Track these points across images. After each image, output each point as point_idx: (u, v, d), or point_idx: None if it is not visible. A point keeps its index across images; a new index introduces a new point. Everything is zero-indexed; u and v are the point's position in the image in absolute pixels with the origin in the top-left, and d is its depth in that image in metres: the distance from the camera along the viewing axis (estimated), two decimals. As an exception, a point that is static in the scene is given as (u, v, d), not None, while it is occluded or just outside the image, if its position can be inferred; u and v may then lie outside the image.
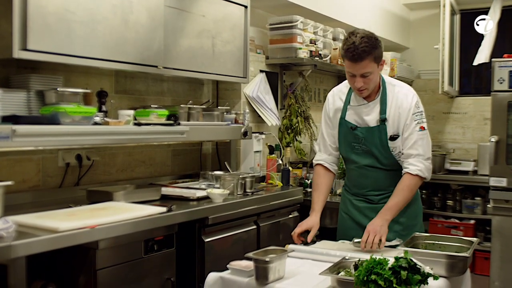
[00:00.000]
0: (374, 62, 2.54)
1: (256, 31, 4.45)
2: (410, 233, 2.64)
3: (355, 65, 2.52)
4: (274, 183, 3.97)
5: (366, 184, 2.78)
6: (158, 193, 3.12)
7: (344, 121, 2.75)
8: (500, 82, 4.44)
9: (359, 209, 2.80)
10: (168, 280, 2.76)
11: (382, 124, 2.66)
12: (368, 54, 2.49)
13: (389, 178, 2.72)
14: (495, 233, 4.46)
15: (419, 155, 2.63)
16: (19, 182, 2.84)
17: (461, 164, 5.86)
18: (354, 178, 2.84)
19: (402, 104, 2.66)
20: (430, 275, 1.93)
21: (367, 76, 2.55)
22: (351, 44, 2.49)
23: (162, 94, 3.77)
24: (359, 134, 2.70)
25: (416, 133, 2.64)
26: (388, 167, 2.72)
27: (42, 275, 2.39)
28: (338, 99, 2.81)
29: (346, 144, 2.77)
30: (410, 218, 2.77)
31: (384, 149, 2.68)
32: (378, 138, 2.67)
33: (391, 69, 5.82)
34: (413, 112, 2.65)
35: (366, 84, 2.57)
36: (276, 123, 4.32)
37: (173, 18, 3.21)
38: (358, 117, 2.72)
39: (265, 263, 2.08)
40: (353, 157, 2.77)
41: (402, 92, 2.70)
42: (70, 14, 2.59)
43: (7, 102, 2.46)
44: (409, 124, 2.64)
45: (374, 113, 2.68)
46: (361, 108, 2.71)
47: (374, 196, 2.77)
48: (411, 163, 2.63)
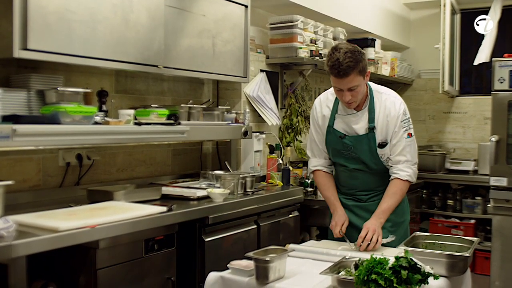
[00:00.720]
0: (359, 75, 2.55)
1: (256, 31, 4.45)
2: (398, 229, 2.79)
3: (341, 81, 2.54)
4: (274, 183, 3.97)
5: (355, 185, 2.85)
6: (159, 193, 3.12)
7: (332, 129, 2.78)
8: (501, 82, 4.43)
9: (348, 207, 2.85)
10: (168, 280, 2.77)
11: (371, 132, 2.70)
12: (353, 69, 2.51)
13: (377, 179, 2.81)
14: (495, 232, 4.46)
15: (407, 161, 2.72)
16: (20, 181, 2.84)
17: (462, 164, 5.86)
18: (343, 179, 2.90)
19: (390, 112, 2.70)
20: (431, 274, 1.93)
21: (354, 90, 2.57)
22: (335, 61, 2.50)
23: (163, 93, 3.77)
24: (348, 143, 2.74)
25: (404, 140, 2.71)
26: (377, 171, 2.79)
27: (42, 274, 2.39)
28: (325, 106, 2.83)
29: (335, 151, 2.82)
30: (398, 215, 2.84)
31: (373, 155, 2.73)
32: (367, 145, 2.72)
33: (392, 69, 5.82)
34: (401, 120, 2.71)
35: (354, 97, 2.60)
36: (276, 123, 4.32)
37: (174, 18, 3.21)
38: (346, 126, 2.75)
39: (265, 262, 2.08)
40: (342, 162, 2.83)
41: (390, 100, 2.73)
42: (71, 14, 2.59)
43: (7, 102, 2.46)
44: (397, 131, 2.70)
45: (363, 122, 2.72)
46: (350, 118, 2.74)
47: (362, 195, 2.85)
48: (401, 169, 2.72)
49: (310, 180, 4.26)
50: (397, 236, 2.73)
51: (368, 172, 2.79)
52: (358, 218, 2.80)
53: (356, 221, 2.79)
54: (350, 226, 2.76)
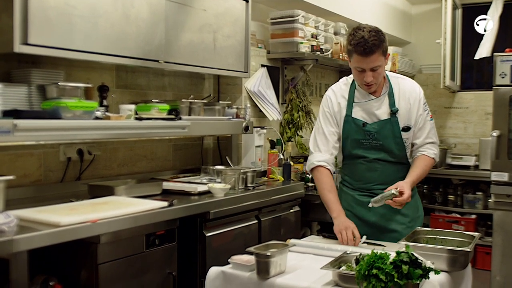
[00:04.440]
0: (382, 55, 2.55)
1: (257, 26, 4.44)
2: (415, 225, 2.74)
3: (365, 59, 2.52)
4: (275, 178, 3.97)
5: (374, 178, 2.75)
6: (159, 188, 3.12)
7: (351, 118, 2.71)
8: (502, 77, 4.42)
9: (363, 204, 2.76)
10: (169, 275, 2.77)
11: (393, 116, 2.68)
12: (378, 47, 2.50)
13: (395, 170, 2.74)
14: (496, 227, 4.45)
15: (434, 143, 2.77)
16: (21, 176, 2.85)
17: (463, 159, 5.86)
18: (360, 173, 2.78)
19: (411, 95, 2.71)
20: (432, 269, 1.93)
21: (376, 70, 2.56)
22: (360, 39, 2.48)
23: (163, 88, 3.77)
24: (371, 130, 2.69)
25: (428, 123, 2.76)
26: (398, 159, 2.74)
27: (44, 269, 2.40)
28: (340, 96, 2.77)
29: (353, 141, 2.74)
30: (414, 210, 2.81)
31: (396, 141, 2.69)
32: (391, 130, 2.68)
33: (393, 64, 5.81)
34: (424, 102, 2.76)
35: (375, 78, 2.58)
36: (277, 118, 4.32)
37: (174, 12, 3.20)
38: (366, 113, 2.70)
39: (266, 257, 2.08)
40: (361, 152, 2.74)
41: (408, 84, 2.75)
42: (71, 8, 2.58)
43: (8, 97, 2.46)
44: (422, 114, 2.73)
45: (384, 107, 2.69)
46: (371, 103, 2.70)
47: (379, 190, 2.71)
48: (429, 148, 2.75)
49: (311, 176, 4.25)
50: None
51: (388, 162, 2.72)
52: (373, 215, 2.74)
53: (370, 218, 2.74)
54: (365, 225, 2.72)
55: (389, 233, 2.72)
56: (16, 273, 2.07)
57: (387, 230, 2.74)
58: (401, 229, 2.72)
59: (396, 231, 2.72)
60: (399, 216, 2.75)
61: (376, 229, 2.73)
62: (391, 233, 2.72)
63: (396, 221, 2.74)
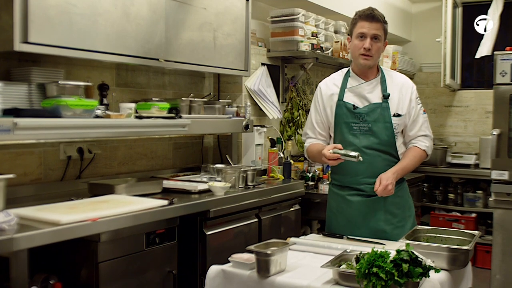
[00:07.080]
0: (384, 32, 2.74)
1: (257, 24, 4.44)
2: (405, 224, 2.76)
3: (369, 24, 2.69)
4: (275, 176, 3.97)
5: (361, 170, 2.72)
6: (160, 186, 3.12)
7: (342, 102, 2.77)
8: (502, 75, 4.42)
9: (352, 205, 2.76)
10: (169, 273, 2.77)
11: (385, 101, 2.73)
12: (382, 21, 2.73)
13: (384, 164, 2.72)
14: (496, 226, 4.45)
15: (426, 136, 2.82)
16: (21, 175, 2.85)
17: (463, 158, 5.86)
18: (347, 166, 2.73)
19: (403, 86, 2.80)
20: (432, 268, 1.93)
21: (376, 40, 2.70)
22: (368, 8, 2.75)
23: (164, 87, 3.76)
24: (361, 111, 2.72)
25: (421, 116, 2.81)
26: (386, 147, 2.72)
27: (44, 267, 2.40)
28: (332, 85, 2.85)
29: (344, 126, 2.75)
30: (405, 210, 2.82)
31: (386, 126, 2.71)
32: (381, 114, 2.71)
33: (393, 62, 5.80)
34: (416, 96, 2.81)
35: (372, 49, 2.69)
36: (277, 116, 4.32)
37: (174, 11, 3.20)
38: (357, 98, 2.76)
39: (266, 256, 2.08)
40: (350, 139, 2.73)
41: (400, 77, 2.87)
42: (71, 7, 2.58)
43: (8, 95, 2.46)
44: (415, 106, 2.79)
45: (376, 91, 2.77)
46: (362, 86, 2.76)
47: (367, 184, 2.72)
48: (420, 140, 2.80)
49: (311, 174, 4.26)
50: (405, 230, 2.67)
51: (376, 150, 2.70)
52: (364, 218, 2.73)
53: (358, 219, 2.74)
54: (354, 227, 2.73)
55: (377, 233, 2.70)
56: (16, 271, 2.07)
57: (376, 230, 2.72)
58: (390, 229, 2.71)
59: (385, 231, 2.71)
60: (387, 215, 2.74)
61: (365, 229, 2.72)
62: (380, 233, 2.70)
63: (384, 221, 2.73)
